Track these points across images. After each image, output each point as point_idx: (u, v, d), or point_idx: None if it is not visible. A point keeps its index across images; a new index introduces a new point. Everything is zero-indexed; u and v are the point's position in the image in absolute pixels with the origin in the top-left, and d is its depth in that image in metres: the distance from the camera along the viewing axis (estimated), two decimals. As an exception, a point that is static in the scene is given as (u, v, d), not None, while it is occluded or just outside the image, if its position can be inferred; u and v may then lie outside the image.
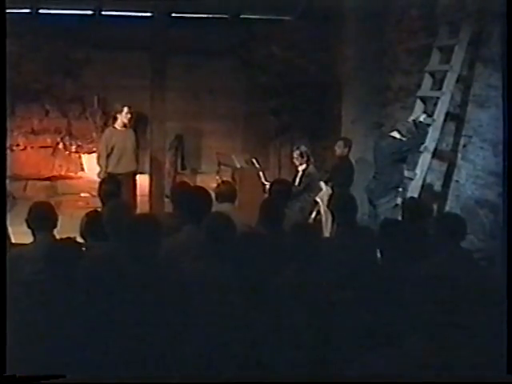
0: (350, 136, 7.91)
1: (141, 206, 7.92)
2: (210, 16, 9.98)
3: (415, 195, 6.50)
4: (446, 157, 6.99)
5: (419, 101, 7.06)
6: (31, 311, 3.02)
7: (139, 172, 8.53)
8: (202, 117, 11.09)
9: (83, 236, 4.28)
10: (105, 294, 2.85)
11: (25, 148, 10.63)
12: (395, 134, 6.85)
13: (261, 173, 8.64)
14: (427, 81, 7.05)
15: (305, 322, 2.79)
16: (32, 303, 3.11)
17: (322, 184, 7.91)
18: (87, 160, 10.89)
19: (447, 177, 7.03)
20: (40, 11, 9.42)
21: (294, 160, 8.03)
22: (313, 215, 7.83)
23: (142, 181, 8.84)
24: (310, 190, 7.86)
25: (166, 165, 9.62)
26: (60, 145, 10.90)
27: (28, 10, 9.28)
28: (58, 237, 3.95)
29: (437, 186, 7.18)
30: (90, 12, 9.61)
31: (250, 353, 2.61)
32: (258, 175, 8.57)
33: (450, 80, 6.57)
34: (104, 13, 9.59)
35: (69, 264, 3.20)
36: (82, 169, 11.05)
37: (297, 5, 9.73)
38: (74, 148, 10.96)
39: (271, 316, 2.70)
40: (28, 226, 4.15)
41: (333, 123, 9.08)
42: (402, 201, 6.21)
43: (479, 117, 6.48)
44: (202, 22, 9.95)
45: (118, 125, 8.08)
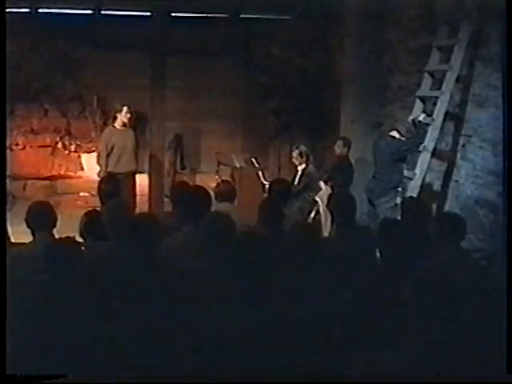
0: (350, 136, 7.89)
1: (140, 206, 7.92)
2: (210, 16, 9.97)
3: (415, 195, 6.49)
4: (446, 156, 7.00)
5: (418, 100, 7.06)
6: (31, 311, 3.02)
7: (139, 171, 8.53)
8: (202, 116, 11.09)
9: (82, 235, 4.28)
10: (104, 294, 2.85)
11: (24, 147, 10.62)
12: (395, 134, 6.86)
13: (260, 172, 8.65)
14: (427, 80, 7.04)
15: (305, 322, 2.78)
16: (32, 303, 3.11)
17: (322, 184, 7.91)
18: (87, 159, 10.89)
19: (447, 176, 7.03)
20: (39, 10, 9.42)
21: (294, 159, 8.04)
22: (312, 215, 7.83)
23: (142, 180, 8.84)
24: (310, 190, 7.87)
25: (166, 164, 9.62)
26: (59, 144, 10.89)
27: (27, 10, 9.27)
28: (58, 236, 3.95)
29: (436, 186, 7.19)
30: (90, 11, 9.60)
31: (250, 353, 2.61)
32: (258, 175, 8.58)
33: (450, 80, 6.57)
34: (103, 12, 9.57)
35: (68, 263, 3.20)
36: (82, 168, 11.04)
37: (296, 4, 9.73)
38: (74, 147, 10.97)
39: (270, 316, 2.70)
40: (27, 226, 4.16)
41: (332, 123, 9.07)
42: (402, 200, 6.19)
43: (479, 116, 6.48)
44: (202, 22, 9.95)
45: (118, 124, 8.08)
